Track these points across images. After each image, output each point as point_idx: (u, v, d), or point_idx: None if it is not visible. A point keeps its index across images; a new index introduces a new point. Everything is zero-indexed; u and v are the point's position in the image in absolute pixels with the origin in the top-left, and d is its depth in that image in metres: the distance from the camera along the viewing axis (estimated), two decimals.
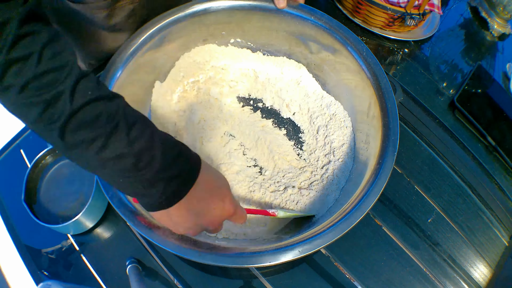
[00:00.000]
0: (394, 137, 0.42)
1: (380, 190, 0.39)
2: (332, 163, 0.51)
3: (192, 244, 0.36)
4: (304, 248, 0.35)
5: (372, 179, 0.40)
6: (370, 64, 0.48)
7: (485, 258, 0.52)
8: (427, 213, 0.53)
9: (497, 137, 0.62)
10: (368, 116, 0.48)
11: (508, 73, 0.74)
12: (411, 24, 0.67)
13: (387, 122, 0.43)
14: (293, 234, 0.40)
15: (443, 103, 0.65)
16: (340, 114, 0.54)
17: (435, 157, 0.58)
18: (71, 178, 0.48)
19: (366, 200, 0.38)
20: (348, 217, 0.37)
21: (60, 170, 0.49)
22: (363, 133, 0.49)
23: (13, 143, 0.57)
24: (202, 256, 0.34)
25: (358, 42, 0.49)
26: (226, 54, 0.59)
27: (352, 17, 0.72)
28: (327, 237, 0.36)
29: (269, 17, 0.54)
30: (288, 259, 0.35)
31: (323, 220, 0.40)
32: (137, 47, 0.49)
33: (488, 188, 0.57)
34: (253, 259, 0.35)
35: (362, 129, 0.50)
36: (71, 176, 0.49)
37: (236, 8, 0.53)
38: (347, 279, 0.47)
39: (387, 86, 0.46)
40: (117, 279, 0.46)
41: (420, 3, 0.66)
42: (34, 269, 0.47)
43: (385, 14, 0.67)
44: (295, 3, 0.52)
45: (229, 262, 0.35)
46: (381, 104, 0.45)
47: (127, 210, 0.37)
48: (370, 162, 0.43)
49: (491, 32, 0.78)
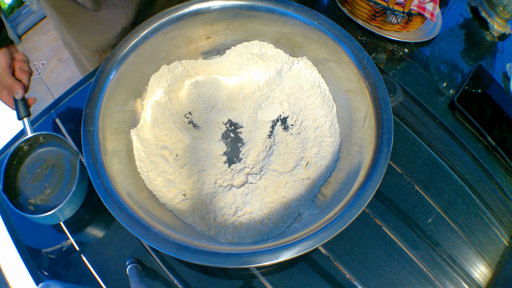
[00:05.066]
0: (387, 149, 0.42)
1: (367, 200, 0.39)
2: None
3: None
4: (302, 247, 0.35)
5: (359, 188, 0.40)
6: (370, 73, 0.48)
7: (485, 258, 0.52)
8: (427, 213, 0.53)
9: (497, 137, 0.62)
10: (363, 126, 0.48)
11: (508, 73, 0.74)
12: (394, 21, 0.66)
13: (380, 134, 0.43)
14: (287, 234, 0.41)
15: (443, 103, 0.65)
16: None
17: (435, 157, 0.58)
18: (48, 165, 0.48)
19: (350, 211, 0.39)
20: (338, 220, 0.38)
21: (38, 157, 0.48)
22: (357, 142, 0.49)
23: (13, 143, 0.57)
24: (179, 253, 0.36)
25: (360, 49, 0.49)
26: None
27: (342, 6, 0.73)
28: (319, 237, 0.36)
29: (273, 19, 0.54)
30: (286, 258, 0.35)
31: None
32: (138, 41, 0.50)
33: (488, 188, 0.57)
34: (251, 259, 0.35)
35: (356, 138, 0.50)
36: (47, 163, 0.48)
37: (240, 7, 0.53)
38: (347, 279, 0.47)
39: (385, 97, 0.46)
40: (117, 279, 0.46)
41: (405, 1, 0.65)
42: (34, 269, 0.47)
43: (368, 6, 0.67)
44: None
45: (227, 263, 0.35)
46: (377, 115, 0.45)
47: (111, 199, 0.39)
48: (360, 172, 0.43)
49: (491, 32, 0.78)
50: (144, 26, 0.51)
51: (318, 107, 0.56)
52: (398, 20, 0.66)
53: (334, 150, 0.52)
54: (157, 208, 0.46)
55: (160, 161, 0.51)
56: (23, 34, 1.75)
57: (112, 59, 0.48)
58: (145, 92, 0.54)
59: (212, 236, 0.45)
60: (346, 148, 0.51)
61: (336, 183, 0.49)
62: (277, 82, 0.58)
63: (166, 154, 0.52)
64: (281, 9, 0.53)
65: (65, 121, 0.58)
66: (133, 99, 0.53)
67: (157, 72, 0.55)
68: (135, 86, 0.53)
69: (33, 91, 1.57)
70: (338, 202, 0.41)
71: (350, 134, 0.51)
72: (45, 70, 1.64)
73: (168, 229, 0.39)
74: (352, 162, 0.47)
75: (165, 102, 0.55)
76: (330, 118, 0.55)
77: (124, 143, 0.49)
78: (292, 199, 0.49)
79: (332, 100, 0.55)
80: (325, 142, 0.53)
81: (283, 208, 0.48)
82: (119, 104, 0.50)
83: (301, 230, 0.39)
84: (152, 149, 0.52)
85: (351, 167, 0.47)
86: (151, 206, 0.45)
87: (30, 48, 1.72)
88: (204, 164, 0.53)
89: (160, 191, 0.49)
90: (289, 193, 0.50)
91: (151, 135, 0.53)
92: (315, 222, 0.39)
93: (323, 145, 0.53)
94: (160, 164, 0.51)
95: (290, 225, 0.47)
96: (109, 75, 0.48)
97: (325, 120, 0.55)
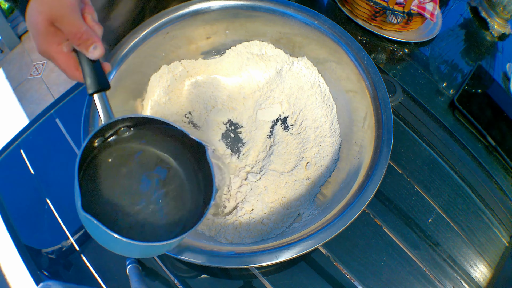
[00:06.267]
0: (386, 149, 0.42)
1: (367, 200, 0.39)
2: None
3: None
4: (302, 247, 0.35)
5: (359, 189, 0.40)
6: (370, 73, 0.48)
7: (485, 258, 0.52)
8: (427, 213, 0.53)
9: (497, 137, 0.62)
10: (363, 126, 0.48)
11: (508, 73, 0.74)
12: (394, 21, 0.66)
13: (380, 134, 0.43)
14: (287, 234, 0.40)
15: (443, 103, 0.65)
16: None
17: (435, 157, 0.58)
18: (129, 169, 0.32)
19: (349, 211, 0.39)
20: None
21: (110, 157, 0.31)
22: (357, 142, 0.49)
23: (13, 143, 0.57)
24: (179, 253, 0.35)
25: (359, 49, 0.49)
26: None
27: (342, 6, 0.73)
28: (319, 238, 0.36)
29: (273, 19, 0.54)
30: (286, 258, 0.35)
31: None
32: (138, 41, 0.50)
33: (488, 188, 0.57)
34: (251, 259, 0.35)
35: (356, 138, 0.50)
36: (128, 166, 0.32)
37: (240, 7, 0.53)
38: (347, 279, 0.47)
39: (385, 97, 0.46)
40: (117, 279, 0.46)
41: (405, 1, 0.65)
42: (34, 269, 0.47)
43: (368, 6, 0.67)
44: None
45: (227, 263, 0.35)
46: (377, 115, 0.45)
47: None
48: (360, 172, 0.43)
49: (491, 32, 0.78)
50: (144, 26, 0.51)
51: (318, 107, 0.56)
52: (398, 20, 0.66)
53: (334, 150, 0.52)
54: None
55: None
56: (23, 34, 1.75)
57: (112, 59, 0.48)
58: (145, 92, 0.54)
59: (212, 236, 0.45)
60: (346, 148, 0.51)
61: (336, 183, 0.49)
62: (277, 82, 0.58)
63: None
64: (281, 9, 0.53)
65: (65, 121, 0.58)
66: (133, 99, 0.53)
67: (157, 72, 0.55)
68: (135, 86, 0.53)
69: (33, 91, 1.57)
70: (338, 202, 0.41)
71: (350, 134, 0.51)
72: (45, 70, 1.64)
73: None
74: (352, 162, 0.47)
75: (165, 102, 0.55)
76: (330, 118, 0.55)
77: None
78: (292, 199, 0.49)
79: (332, 100, 0.55)
80: (325, 142, 0.53)
81: (283, 208, 0.48)
82: (119, 104, 0.50)
83: (301, 230, 0.39)
84: None
85: (351, 167, 0.47)
86: None
87: (30, 48, 1.72)
88: None
89: None
90: (289, 193, 0.49)
91: None
92: (315, 222, 0.39)
93: (323, 145, 0.53)
94: None
95: (290, 225, 0.47)
96: (109, 75, 0.48)
97: (325, 120, 0.55)
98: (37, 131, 0.58)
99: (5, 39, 1.69)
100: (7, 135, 0.57)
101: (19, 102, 1.52)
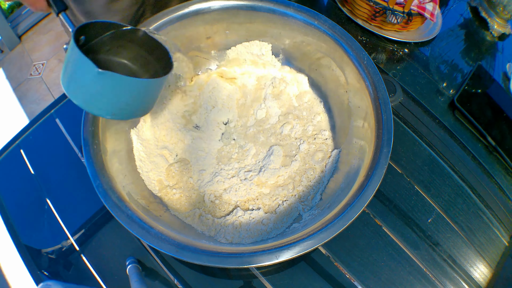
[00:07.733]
0: (386, 149, 0.42)
1: (367, 200, 0.39)
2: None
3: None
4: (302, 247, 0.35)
5: (359, 189, 0.40)
6: (370, 73, 0.47)
7: (485, 258, 0.52)
8: (427, 213, 0.53)
9: (497, 137, 0.62)
10: (363, 126, 0.48)
11: (508, 73, 0.74)
12: (394, 21, 0.66)
13: (380, 134, 0.43)
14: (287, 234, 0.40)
15: (443, 103, 0.65)
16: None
17: (435, 157, 0.58)
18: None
19: (350, 211, 0.39)
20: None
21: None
22: (357, 142, 0.49)
23: (13, 143, 0.57)
24: (179, 253, 0.36)
25: (359, 49, 0.49)
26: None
27: (342, 6, 0.73)
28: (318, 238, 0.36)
29: (273, 19, 0.54)
30: (286, 258, 0.35)
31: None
32: None
33: (488, 188, 0.57)
34: (251, 259, 0.35)
35: (356, 138, 0.50)
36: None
37: (240, 7, 0.53)
38: (347, 279, 0.47)
39: (385, 97, 0.46)
40: (117, 279, 0.46)
41: (405, 1, 0.65)
42: (34, 269, 0.47)
43: (368, 6, 0.67)
44: None
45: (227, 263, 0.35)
46: (377, 115, 0.45)
47: (111, 199, 0.39)
48: (360, 172, 0.43)
49: (491, 32, 0.78)
50: (144, 26, 0.51)
51: (318, 107, 0.56)
52: (398, 20, 0.66)
53: (334, 150, 0.52)
54: (157, 208, 0.46)
55: (160, 161, 0.51)
56: (23, 34, 1.75)
57: None
58: None
59: (212, 236, 0.45)
60: (346, 148, 0.51)
61: (336, 183, 0.49)
62: (277, 82, 0.58)
63: (166, 154, 0.52)
64: (281, 9, 0.53)
65: (65, 121, 0.58)
66: None
67: None
68: None
69: (33, 91, 1.57)
70: (338, 202, 0.41)
71: (350, 134, 0.51)
72: (45, 70, 1.64)
73: (168, 229, 0.39)
74: (352, 162, 0.47)
75: (165, 102, 0.55)
76: (330, 118, 0.55)
77: (124, 143, 0.49)
78: (292, 199, 0.49)
79: (332, 100, 0.55)
80: (325, 142, 0.53)
81: (283, 208, 0.48)
82: None
83: (301, 230, 0.39)
84: (152, 149, 0.52)
85: (351, 167, 0.47)
86: (151, 206, 0.45)
87: (30, 48, 1.72)
88: (204, 164, 0.53)
89: (160, 191, 0.49)
90: (289, 193, 0.49)
91: (151, 135, 0.53)
92: (315, 222, 0.39)
93: (323, 145, 0.53)
94: (160, 164, 0.51)
95: (290, 225, 0.47)
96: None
97: (325, 121, 0.55)
98: (37, 131, 0.59)
99: (5, 39, 1.69)
100: (7, 135, 0.58)
101: (19, 102, 1.52)
